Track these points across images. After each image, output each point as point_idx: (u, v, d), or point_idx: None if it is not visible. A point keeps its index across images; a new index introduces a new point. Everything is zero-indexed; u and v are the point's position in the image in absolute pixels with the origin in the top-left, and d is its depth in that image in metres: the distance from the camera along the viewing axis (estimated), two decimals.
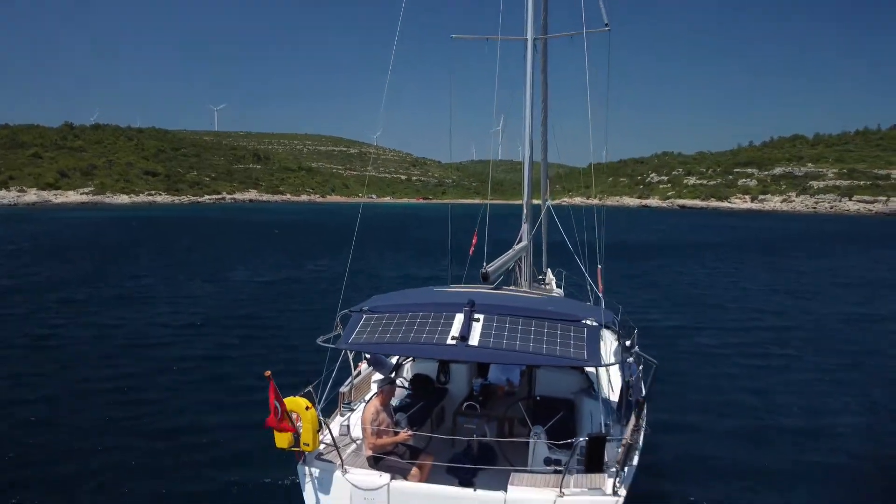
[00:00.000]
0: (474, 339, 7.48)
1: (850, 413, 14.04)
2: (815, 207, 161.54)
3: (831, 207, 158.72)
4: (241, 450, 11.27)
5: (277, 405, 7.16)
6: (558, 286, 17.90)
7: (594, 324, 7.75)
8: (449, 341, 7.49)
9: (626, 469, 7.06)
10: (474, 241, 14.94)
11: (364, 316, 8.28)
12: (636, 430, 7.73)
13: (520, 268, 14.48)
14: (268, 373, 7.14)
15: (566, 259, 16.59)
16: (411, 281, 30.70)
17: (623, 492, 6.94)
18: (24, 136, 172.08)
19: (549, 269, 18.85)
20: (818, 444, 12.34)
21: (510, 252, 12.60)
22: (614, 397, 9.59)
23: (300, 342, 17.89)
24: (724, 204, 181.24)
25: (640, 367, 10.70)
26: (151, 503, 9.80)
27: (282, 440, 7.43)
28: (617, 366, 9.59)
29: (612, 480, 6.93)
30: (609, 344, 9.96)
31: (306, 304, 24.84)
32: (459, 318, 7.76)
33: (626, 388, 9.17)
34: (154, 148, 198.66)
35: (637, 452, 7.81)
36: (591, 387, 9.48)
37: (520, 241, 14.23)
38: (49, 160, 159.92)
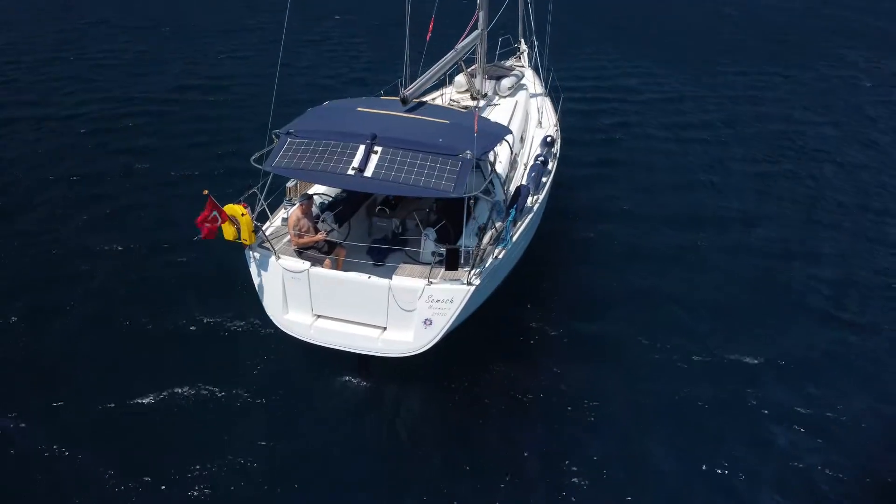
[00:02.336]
0: (369, 171, 9.68)
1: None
2: None
3: None
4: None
5: (217, 214, 9.57)
6: (530, 58, 18.90)
7: (468, 157, 9.84)
8: (349, 172, 9.70)
9: (478, 266, 9.74)
10: (430, 27, 14.80)
11: (288, 140, 10.32)
12: (497, 235, 10.35)
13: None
14: (206, 191, 9.47)
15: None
16: (361, 69, 27.75)
17: (476, 281, 9.71)
18: None
19: (522, 39, 19.36)
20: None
21: (443, 61, 13.80)
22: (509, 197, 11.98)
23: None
24: None
25: (546, 172, 12.87)
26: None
27: (227, 234, 9.97)
28: (498, 181, 11.83)
29: (466, 274, 9.66)
30: (485, 169, 11.62)
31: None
32: (361, 151, 9.86)
33: (515, 194, 11.60)
34: None
35: (503, 250, 10.40)
36: (489, 191, 11.75)
37: (468, 33, 15.21)
38: None
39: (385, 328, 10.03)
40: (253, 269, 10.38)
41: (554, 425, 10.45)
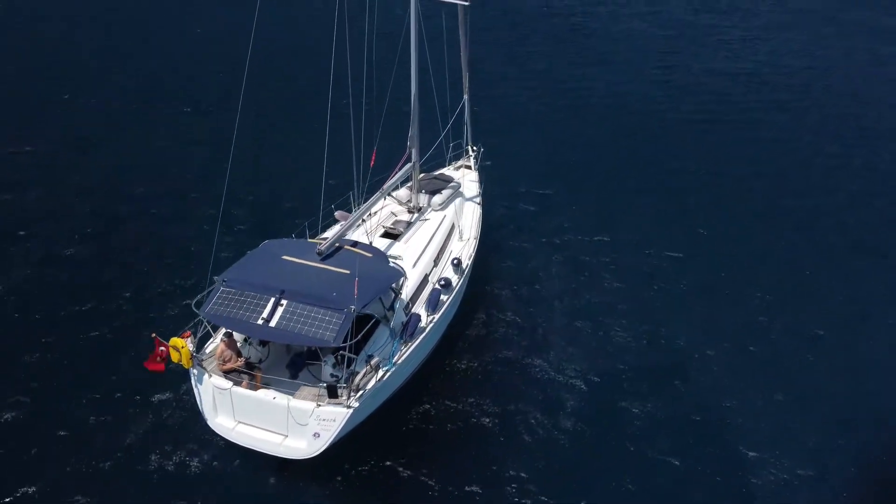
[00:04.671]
0: (273, 322, 12.78)
1: None
2: None
3: None
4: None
5: (162, 349, 12.88)
6: (477, 161, 21.46)
7: (351, 311, 12.84)
8: (259, 321, 12.82)
9: (354, 392, 12.73)
10: (374, 156, 17.07)
11: (221, 289, 13.49)
12: (378, 364, 13.34)
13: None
14: (153, 334, 12.76)
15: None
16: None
17: (355, 404, 12.73)
18: None
19: (470, 146, 21.44)
20: None
21: (368, 203, 16.69)
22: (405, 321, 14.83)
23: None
24: None
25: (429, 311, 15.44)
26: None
27: (173, 358, 13.25)
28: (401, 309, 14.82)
29: (344, 398, 12.69)
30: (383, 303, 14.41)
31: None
32: (271, 304, 12.98)
33: (402, 328, 14.53)
34: None
35: (386, 375, 13.41)
36: (385, 318, 14.63)
37: (401, 166, 18.07)
38: None
39: (286, 436, 13.13)
40: (193, 383, 13.63)
41: None
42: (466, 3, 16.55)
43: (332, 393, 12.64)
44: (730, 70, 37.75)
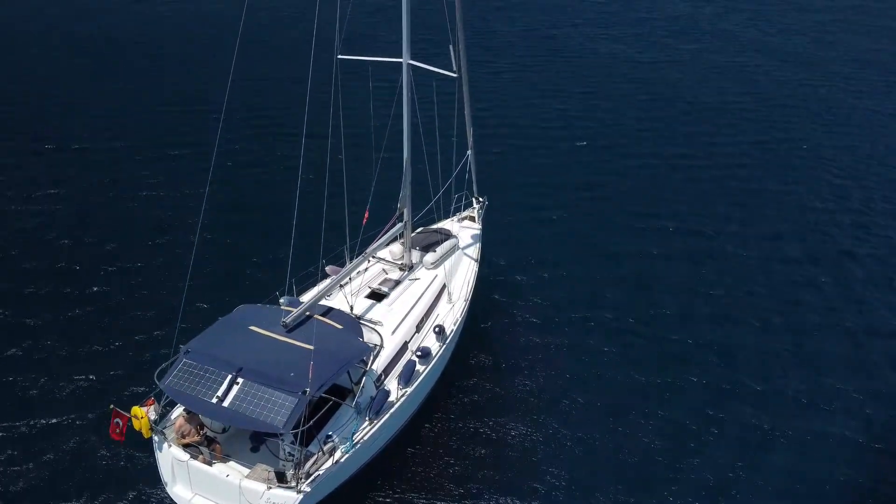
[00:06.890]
0: (227, 402, 12.72)
1: None
2: None
3: None
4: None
5: (119, 422, 12.99)
6: (480, 213, 20.88)
7: (305, 394, 12.68)
8: (213, 399, 12.77)
9: (304, 477, 12.57)
10: (366, 214, 17.13)
11: (184, 360, 13.51)
12: (333, 448, 13.15)
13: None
14: (112, 406, 12.87)
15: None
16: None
17: (307, 489, 12.58)
18: None
19: (474, 198, 20.85)
20: None
21: (348, 267, 16.56)
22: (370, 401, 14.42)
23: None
24: None
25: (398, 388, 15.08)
26: None
27: (135, 426, 13.37)
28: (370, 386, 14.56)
29: (295, 483, 12.54)
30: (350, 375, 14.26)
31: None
32: (226, 382, 12.93)
33: (369, 404, 14.29)
34: None
35: (344, 457, 13.22)
36: (353, 396, 14.28)
37: (392, 225, 17.72)
38: None
39: None
40: (155, 450, 13.71)
41: None
42: (455, 76, 16.39)
43: (281, 478, 12.52)
44: (716, 102, 36.79)
